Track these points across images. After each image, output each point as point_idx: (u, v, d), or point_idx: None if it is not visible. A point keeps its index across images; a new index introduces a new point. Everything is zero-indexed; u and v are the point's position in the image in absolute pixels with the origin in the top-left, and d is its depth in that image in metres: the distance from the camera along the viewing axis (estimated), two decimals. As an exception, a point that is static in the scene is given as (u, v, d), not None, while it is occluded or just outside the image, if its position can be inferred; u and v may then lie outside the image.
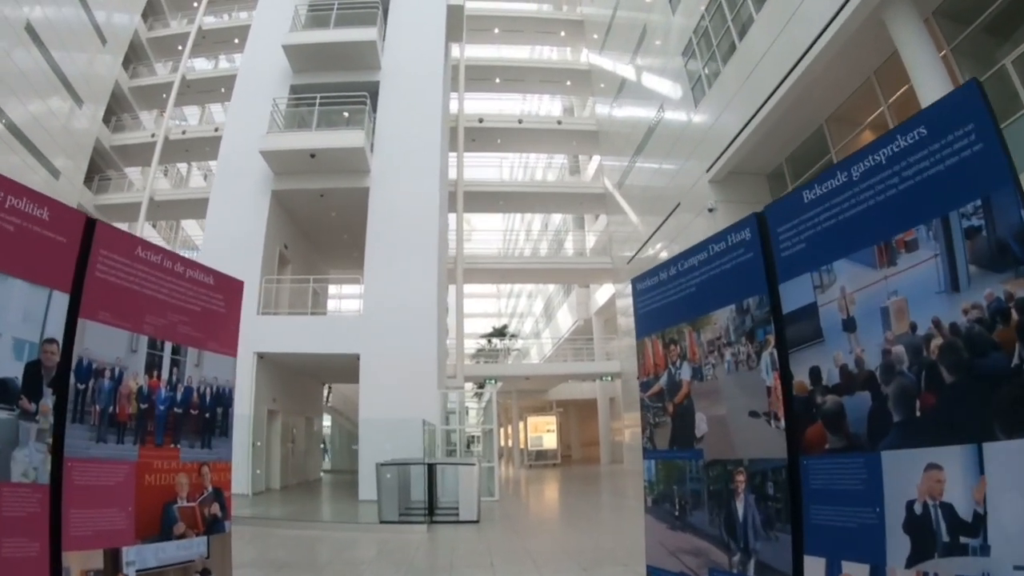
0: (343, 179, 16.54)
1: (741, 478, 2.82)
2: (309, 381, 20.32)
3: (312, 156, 16.03)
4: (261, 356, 15.31)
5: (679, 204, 18.27)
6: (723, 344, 3.02)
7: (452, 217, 23.45)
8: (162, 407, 3.34)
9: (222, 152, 17.87)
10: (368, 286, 15.46)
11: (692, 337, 3.23)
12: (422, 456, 10.99)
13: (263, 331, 15.28)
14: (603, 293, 30.47)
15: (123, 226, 30.61)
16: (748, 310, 2.90)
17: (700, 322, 3.17)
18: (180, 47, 30.21)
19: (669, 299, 3.43)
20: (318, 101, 16.76)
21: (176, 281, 3.49)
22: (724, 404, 2.97)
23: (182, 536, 3.32)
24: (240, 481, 14.22)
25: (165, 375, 3.37)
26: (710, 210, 15.87)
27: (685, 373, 3.22)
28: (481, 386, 20.54)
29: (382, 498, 9.94)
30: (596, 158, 31.67)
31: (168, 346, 3.37)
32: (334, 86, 17.21)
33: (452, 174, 23.67)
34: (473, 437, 20.20)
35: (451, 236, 23.41)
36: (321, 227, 19.23)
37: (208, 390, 3.61)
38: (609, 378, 27.06)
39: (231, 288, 3.90)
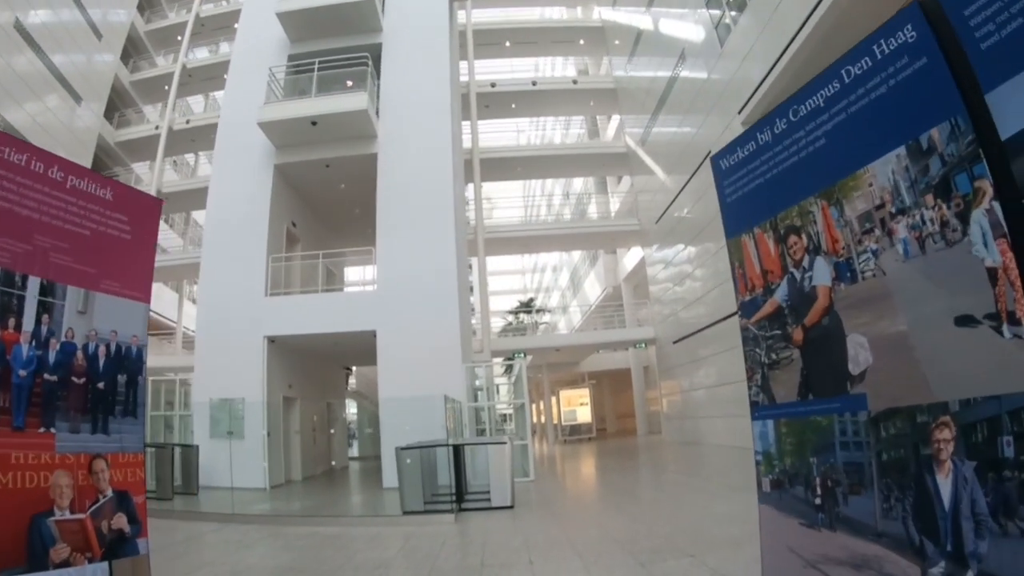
0: (348, 146, 15.47)
1: (945, 435, 1.65)
2: (328, 365, 19.37)
3: (313, 124, 14.95)
4: (272, 340, 14.37)
5: (710, 152, 16.87)
6: (889, 214, 1.83)
7: (470, 189, 22.38)
8: (23, 372, 2.25)
9: (220, 131, 16.99)
10: (381, 257, 14.40)
11: (827, 215, 2.03)
12: (446, 437, 9.87)
13: (272, 313, 14.39)
14: (631, 258, 29.15)
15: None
16: (932, 149, 1.70)
17: (841, 189, 1.97)
18: (179, 38, 29.52)
19: (780, 167, 2.22)
20: (317, 66, 15.64)
21: (50, 192, 2.37)
22: (902, 313, 1.79)
23: (66, 563, 2.25)
24: (255, 474, 13.44)
25: (29, 325, 2.27)
26: (746, 154, 14.52)
27: (821, 274, 2.04)
28: (510, 358, 19.50)
29: (404, 486, 8.89)
30: (615, 120, 30.27)
31: (34, 283, 2.27)
32: (334, 52, 16.07)
33: (467, 143, 22.58)
34: (505, 415, 19.28)
35: (470, 210, 22.33)
36: (330, 202, 18.19)
37: (103, 349, 2.51)
38: (643, 345, 25.79)
39: (141, 207, 2.76)
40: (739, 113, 14.89)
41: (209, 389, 14.16)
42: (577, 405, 29.60)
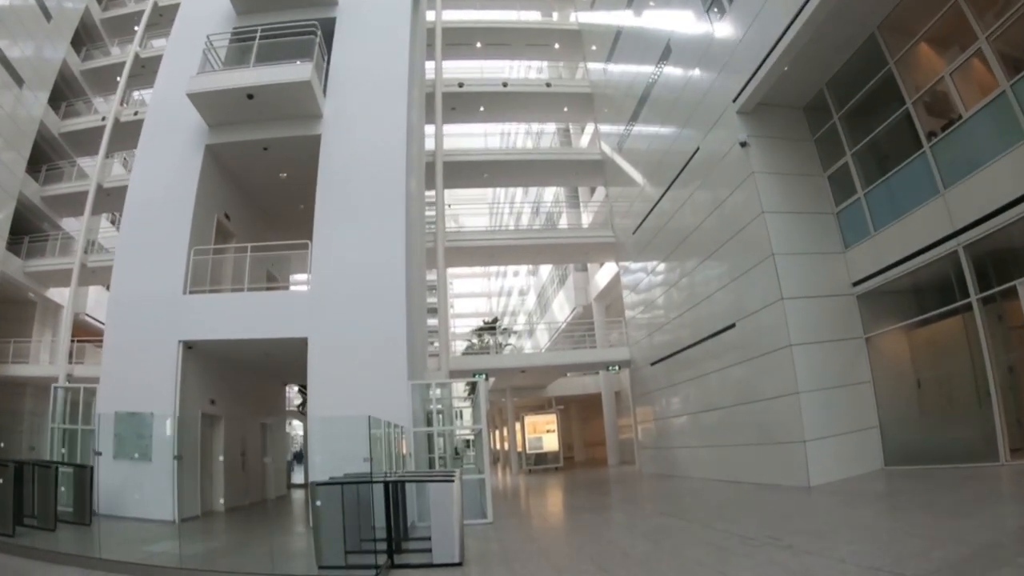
0: (289, 126, 13.60)
1: None
2: (263, 379, 17.15)
3: (250, 97, 13.04)
4: (190, 346, 12.22)
5: (698, 149, 15.28)
6: None
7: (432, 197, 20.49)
8: None
9: (151, 108, 15.30)
10: (318, 252, 12.36)
11: None
12: (369, 468, 7.67)
13: (191, 314, 12.31)
14: (603, 275, 27.40)
15: (73, 221, 27.63)
16: None
17: None
18: (136, 27, 27.51)
19: None
20: (259, 34, 13.74)
21: None
22: None
23: None
24: (164, 504, 11.06)
25: None
26: (742, 144, 12.95)
27: None
28: (473, 378, 17.61)
29: (320, 533, 6.79)
30: (588, 132, 28.74)
31: None
32: (282, 25, 14.16)
33: (430, 146, 20.70)
34: (468, 441, 17.26)
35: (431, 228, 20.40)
36: (271, 194, 16.13)
37: None
38: (616, 368, 23.84)
39: None
40: (734, 102, 13.30)
41: (116, 401, 11.83)
42: (543, 432, 27.53)
